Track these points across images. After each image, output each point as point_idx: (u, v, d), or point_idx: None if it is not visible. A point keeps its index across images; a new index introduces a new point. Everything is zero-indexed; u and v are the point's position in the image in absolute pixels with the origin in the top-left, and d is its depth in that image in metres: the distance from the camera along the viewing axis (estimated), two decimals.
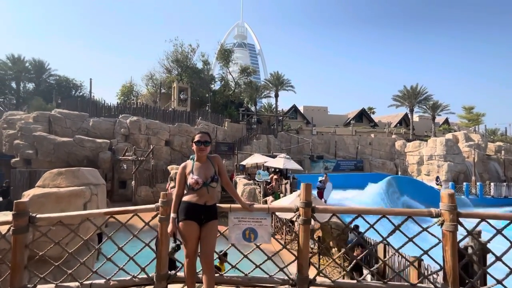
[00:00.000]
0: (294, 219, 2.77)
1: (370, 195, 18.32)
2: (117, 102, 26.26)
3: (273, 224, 11.69)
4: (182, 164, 2.75)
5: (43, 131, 19.19)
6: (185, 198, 2.60)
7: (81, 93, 35.29)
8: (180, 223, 2.54)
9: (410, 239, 2.55)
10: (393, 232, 2.59)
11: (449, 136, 33.57)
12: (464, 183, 24.95)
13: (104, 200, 5.04)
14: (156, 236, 2.78)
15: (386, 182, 19.90)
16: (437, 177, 27.83)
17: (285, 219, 9.42)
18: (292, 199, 10.59)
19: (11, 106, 30.59)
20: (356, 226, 7.84)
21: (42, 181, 4.44)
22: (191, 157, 2.77)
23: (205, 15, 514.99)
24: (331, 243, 10.27)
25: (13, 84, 34.26)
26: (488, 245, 2.60)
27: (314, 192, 10.56)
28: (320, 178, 13.11)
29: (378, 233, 2.64)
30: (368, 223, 2.62)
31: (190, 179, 2.59)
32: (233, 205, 2.77)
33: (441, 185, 25.89)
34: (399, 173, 31.41)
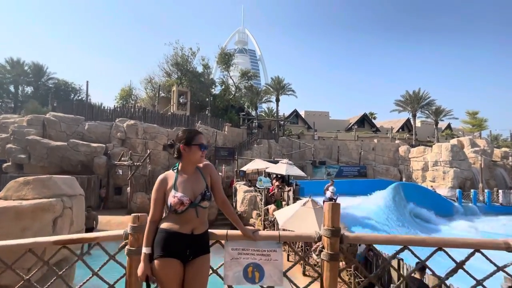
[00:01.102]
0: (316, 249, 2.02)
1: (376, 202, 17.60)
2: (114, 105, 25.58)
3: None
4: (160, 177, 1.94)
5: (37, 135, 18.50)
6: (163, 225, 1.83)
7: (79, 97, 34.79)
8: (156, 261, 1.77)
9: (480, 282, 1.82)
10: (455, 271, 1.85)
11: (454, 141, 32.74)
12: (472, 190, 24.11)
13: (82, 214, 4.30)
14: (123, 275, 2.01)
15: (392, 189, 19.21)
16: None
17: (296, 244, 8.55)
18: (296, 209, 9.82)
19: (9, 110, 30.07)
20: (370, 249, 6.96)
21: (5, 192, 3.71)
22: (173, 166, 2.00)
23: (206, 21, 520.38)
24: None
25: (12, 88, 33.81)
26: None
27: (321, 202, 9.79)
28: (331, 188, 12.30)
29: (434, 272, 1.91)
30: (419, 258, 1.89)
31: (172, 198, 1.81)
32: (230, 232, 2.00)
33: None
34: (404, 179, 30.59)
